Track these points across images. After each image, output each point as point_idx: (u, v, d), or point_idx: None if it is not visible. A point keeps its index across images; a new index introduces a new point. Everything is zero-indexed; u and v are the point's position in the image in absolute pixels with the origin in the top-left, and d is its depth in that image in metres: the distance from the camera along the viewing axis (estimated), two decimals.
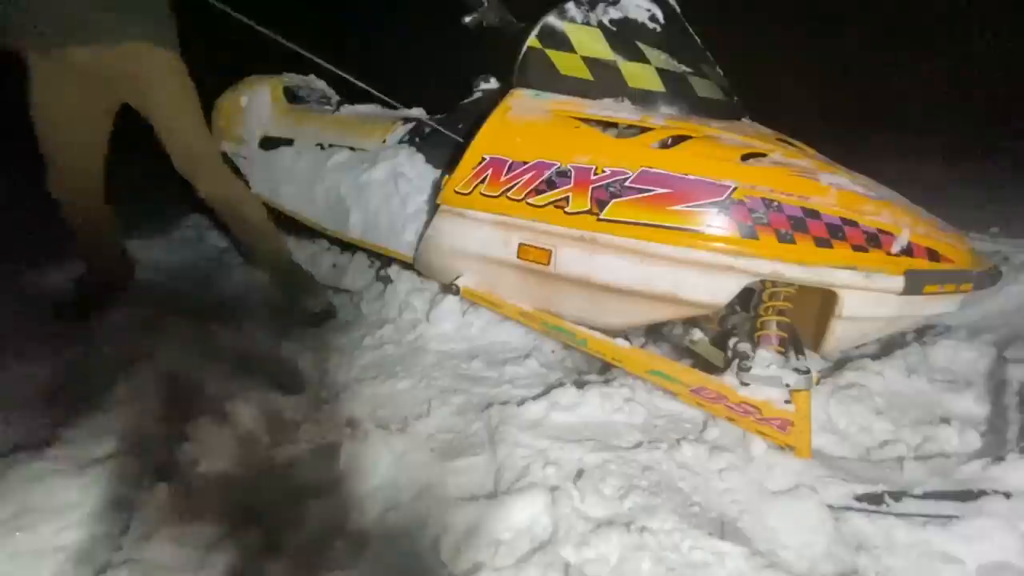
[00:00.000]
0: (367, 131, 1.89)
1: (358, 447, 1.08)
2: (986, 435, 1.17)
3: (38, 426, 1.14)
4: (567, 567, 0.85)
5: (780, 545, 0.93)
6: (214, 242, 2.45)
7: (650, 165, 1.13)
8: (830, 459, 1.12)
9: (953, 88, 4.86)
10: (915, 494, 0.99)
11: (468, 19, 1.49)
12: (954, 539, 0.91)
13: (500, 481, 1.04)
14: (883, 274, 1.06)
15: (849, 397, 1.26)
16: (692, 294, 1.14)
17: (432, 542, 0.92)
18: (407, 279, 1.75)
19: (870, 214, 1.07)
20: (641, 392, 1.26)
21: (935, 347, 1.43)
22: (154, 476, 1.00)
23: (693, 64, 1.30)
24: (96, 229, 1.70)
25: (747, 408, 1.11)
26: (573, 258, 1.23)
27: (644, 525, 0.90)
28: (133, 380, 1.24)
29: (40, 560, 0.88)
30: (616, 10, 1.29)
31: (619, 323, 1.29)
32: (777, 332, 1.15)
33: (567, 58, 1.30)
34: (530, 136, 1.27)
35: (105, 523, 0.95)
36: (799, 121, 1.71)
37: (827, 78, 5.31)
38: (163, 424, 1.16)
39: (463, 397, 1.31)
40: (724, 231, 1.08)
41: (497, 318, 1.57)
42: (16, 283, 1.84)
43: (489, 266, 1.38)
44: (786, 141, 1.26)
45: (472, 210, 1.34)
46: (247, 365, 1.39)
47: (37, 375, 1.31)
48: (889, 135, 4.27)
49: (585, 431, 1.16)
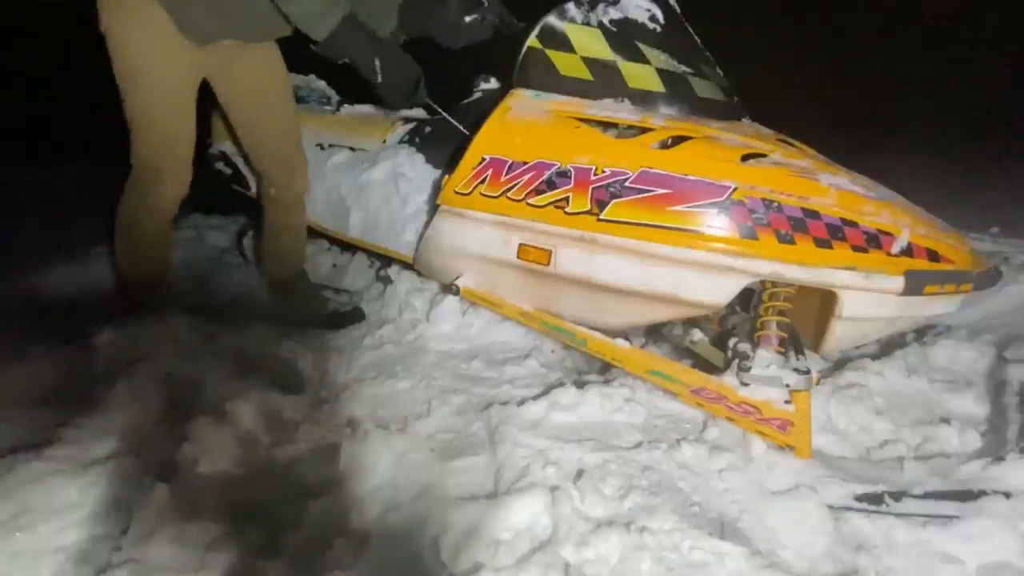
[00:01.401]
0: (367, 131, 1.89)
1: (358, 447, 1.08)
2: (986, 435, 1.17)
3: (38, 426, 1.14)
4: (567, 567, 0.85)
5: (780, 545, 0.93)
6: (214, 242, 2.45)
7: (650, 165, 1.13)
8: (830, 459, 1.12)
9: (953, 88, 4.85)
10: (915, 494, 0.99)
11: (468, 19, 1.49)
12: (954, 539, 0.90)
13: (500, 481, 1.04)
14: (883, 275, 1.06)
15: (849, 397, 1.26)
16: (692, 294, 1.14)
17: (432, 542, 0.91)
18: (407, 279, 1.75)
19: (870, 215, 1.07)
20: (641, 392, 1.26)
21: (935, 347, 1.43)
22: (154, 476, 1.00)
23: (693, 64, 1.30)
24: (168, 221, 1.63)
25: (747, 408, 1.11)
26: (573, 258, 1.23)
27: (644, 525, 0.90)
28: (133, 380, 1.24)
29: (40, 560, 0.88)
30: (616, 10, 1.29)
31: (619, 323, 1.29)
32: (777, 332, 1.15)
33: (567, 58, 1.30)
34: (530, 136, 1.27)
35: (105, 523, 0.94)
36: (799, 121, 1.71)
37: (827, 78, 5.31)
38: (163, 424, 1.16)
39: (463, 397, 1.31)
40: (724, 231, 1.08)
41: (497, 318, 1.57)
42: (16, 283, 1.84)
43: (489, 266, 1.38)
44: (786, 141, 1.26)
45: (472, 210, 1.34)
46: (247, 365, 1.39)
47: (37, 375, 1.31)
48: (889, 135, 4.27)
49: (585, 431, 1.16)
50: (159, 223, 1.55)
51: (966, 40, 5.04)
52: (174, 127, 1.45)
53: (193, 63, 1.42)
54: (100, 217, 2.55)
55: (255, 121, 1.60)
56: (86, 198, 2.87)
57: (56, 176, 3.33)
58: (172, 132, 1.45)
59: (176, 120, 1.44)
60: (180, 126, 1.46)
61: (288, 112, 1.64)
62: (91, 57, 1.41)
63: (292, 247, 1.80)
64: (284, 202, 1.70)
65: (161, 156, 1.45)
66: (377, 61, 1.31)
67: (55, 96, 4.35)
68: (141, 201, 1.50)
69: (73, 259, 2.01)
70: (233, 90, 1.55)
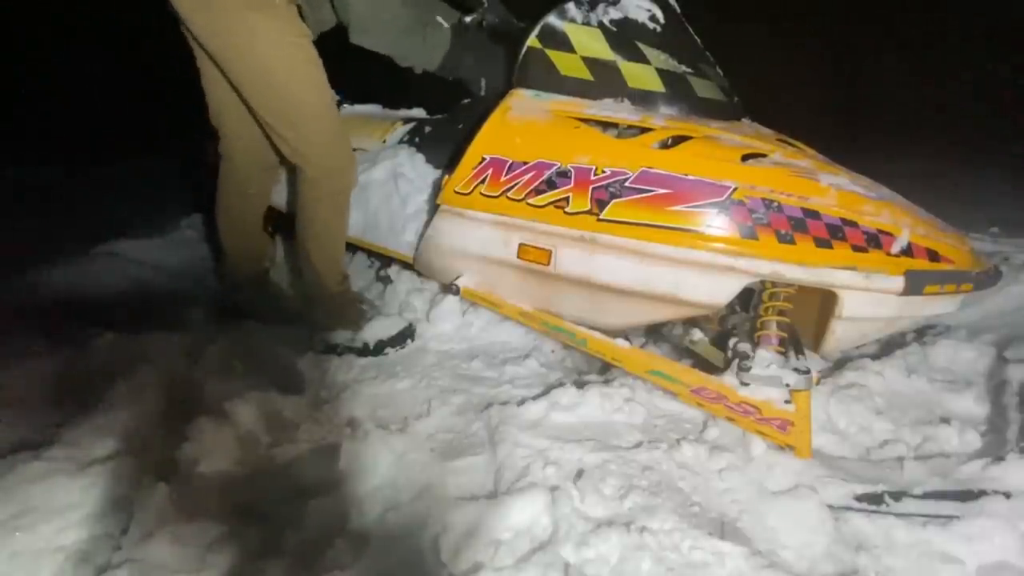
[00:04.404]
0: (367, 131, 1.89)
1: (358, 447, 1.08)
2: (986, 435, 1.17)
3: (38, 426, 1.14)
4: (567, 567, 0.85)
5: (780, 545, 0.93)
6: (214, 242, 2.45)
7: (650, 165, 1.13)
8: (830, 459, 1.12)
9: (953, 88, 4.85)
10: (915, 494, 0.99)
11: (468, 19, 1.49)
12: (954, 539, 0.91)
13: (500, 481, 1.04)
14: (883, 275, 1.06)
15: (849, 397, 1.26)
16: (692, 294, 1.14)
17: (432, 542, 0.91)
18: (407, 279, 1.75)
19: (870, 214, 1.07)
20: (641, 392, 1.26)
21: (935, 347, 1.43)
22: (154, 476, 1.00)
23: (693, 64, 1.30)
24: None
25: (747, 408, 1.11)
26: (573, 258, 1.23)
27: (644, 525, 0.90)
28: (133, 380, 1.24)
29: (40, 560, 0.88)
30: (616, 10, 1.29)
31: (619, 323, 1.29)
32: (777, 332, 1.15)
33: (567, 58, 1.30)
34: (530, 136, 1.27)
35: (105, 523, 0.95)
36: (799, 121, 1.71)
37: (827, 78, 5.31)
38: (163, 424, 1.16)
39: (463, 397, 1.31)
40: (724, 231, 1.08)
41: (497, 318, 1.57)
42: (16, 283, 1.84)
43: (489, 266, 1.38)
44: (786, 141, 1.26)
45: (472, 210, 1.34)
46: (247, 365, 1.39)
47: (37, 375, 1.31)
48: (889, 135, 4.27)
49: (585, 431, 1.16)
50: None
51: (966, 40, 5.04)
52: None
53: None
54: (100, 217, 2.56)
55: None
56: (87, 198, 2.88)
57: (56, 176, 3.34)
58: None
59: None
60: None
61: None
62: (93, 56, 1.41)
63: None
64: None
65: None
66: (483, 80, 1.52)
67: (55, 95, 4.36)
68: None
69: (73, 259, 2.01)
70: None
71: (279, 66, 1.33)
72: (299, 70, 1.36)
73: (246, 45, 1.30)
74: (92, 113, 4.19)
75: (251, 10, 1.27)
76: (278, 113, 1.39)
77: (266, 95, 1.37)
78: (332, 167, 1.47)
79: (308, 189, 1.49)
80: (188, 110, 1.72)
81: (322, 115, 1.42)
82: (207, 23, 1.29)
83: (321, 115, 1.42)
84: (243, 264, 1.72)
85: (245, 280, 1.73)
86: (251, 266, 1.74)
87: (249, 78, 1.35)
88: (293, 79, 1.35)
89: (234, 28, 1.28)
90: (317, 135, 1.42)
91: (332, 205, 1.53)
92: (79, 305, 1.75)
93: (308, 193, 1.50)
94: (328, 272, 1.58)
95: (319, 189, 1.48)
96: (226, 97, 1.44)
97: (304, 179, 1.48)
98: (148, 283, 1.98)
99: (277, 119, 1.39)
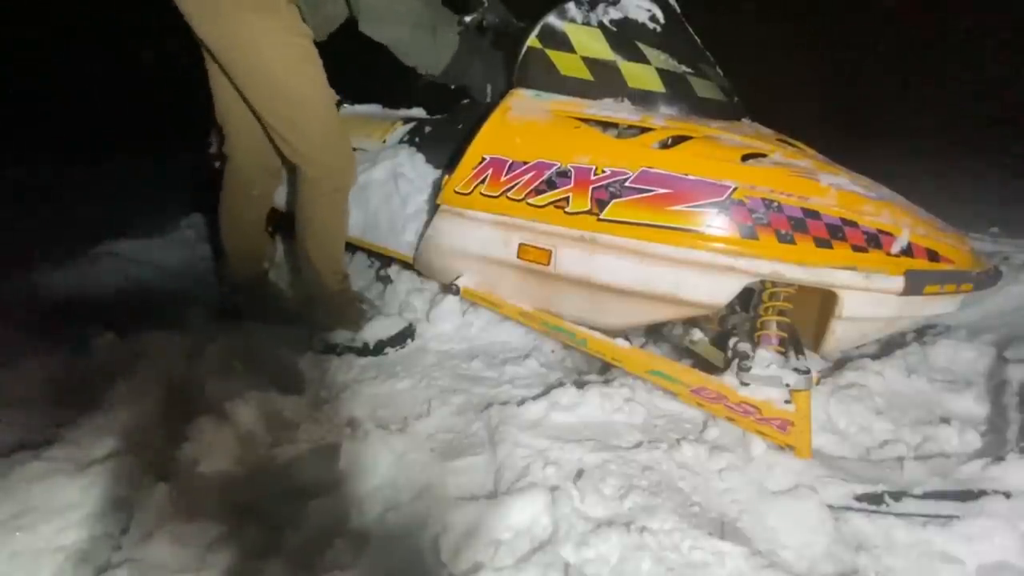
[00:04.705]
0: (367, 131, 1.89)
1: (358, 447, 1.08)
2: (986, 435, 1.17)
3: (38, 426, 1.14)
4: (567, 567, 0.85)
5: (780, 545, 0.93)
6: (214, 242, 2.45)
7: (650, 165, 1.13)
8: (830, 459, 1.12)
9: (953, 88, 4.85)
10: (915, 494, 0.99)
11: (468, 19, 1.49)
12: (954, 539, 0.91)
13: (500, 481, 1.04)
14: (883, 275, 1.06)
15: (849, 397, 1.26)
16: (692, 294, 1.14)
17: (432, 542, 0.92)
18: (407, 279, 1.75)
19: (870, 214, 1.07)
20: (641, 392, 1.26)
21: (935, 347, 1.43)
22: (154, 476, 1.00)
23: (693, 64, 1.30)
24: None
25: (747, 408, 1.11)
26: (573, 258, 1.23)
27: (644, 525, 0.90)
28: (133, 380, 1.24)
29: (40, 560, 0.88)
30: (616, 10, 1.29)
31: (619, 323, 1.29)
32: (777, 332, 1.15)
33: (567, 58, 1.30)
34: (530, 136, 1.27)
35: (105, 523, 0.95)
36: (799, 121, 1.71)
37: (827, 78, 5.31)
38: (163, 424, 1.16)
39: (463, 397, 1.31)
40: (724, 231, 1.08)
41: (497, 318, 1.57)
42: (16, 283, 1.84)
43: (489, 266, 1.38)
44: (786, 141, 1.26)
45: (472, 210, 1.34)
46: (247, 365, 1.39)
47: (37, 375, 1.31)
48: (889, 135, 4.27)
49: (585, 431, 1.16)
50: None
51: (966, 40, 5.04)
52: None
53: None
54: (100, 217, 2.56)
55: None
56: (87, 198, 2.88)
57: (56, 176, 3.34)
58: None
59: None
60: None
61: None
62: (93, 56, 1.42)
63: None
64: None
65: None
66: (489, 87, 1.52)
67: (54, 95, 4.36)
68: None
69: (73, 259, 2.01)
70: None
71: (279, 66, 1.33)
72: (299, 70, 1.36)
73: (247, 46, 1.31)
74: (92, 113, 4.20)
75: (252, 11, 1.27)
76: (278, 113, 1.39)
77: (266, 95, 1.37)
78: (332, 167, 1.47)
79: (308, 189, 1.49)
80: (189, 110, 1.72)
81: (322, 115, 1.43)
82: (209, 24, 1.30)
83: (321, 115, 1.42)
84: (243, 265, 1.72)
85: (245, 281, 1.73)
86: (251, 267, 1.74)
87: (250, 78, 1.36)
88: (293, 79, 1.35)
89: (235, 29, 1.29)
90: (317, 134, 1.42)
91: (331, 204, 1.53)
92: (79, 305, 1.76)
93: (308, 193, 1.50)
94: (328, 272, 1.59)
95: (319, 189, 1.49)
96: (230, 98, 1.45)
97: (304, 179, 1.48)
98: (148, 283, 1.99)
99: (278, 119, 1.40)
